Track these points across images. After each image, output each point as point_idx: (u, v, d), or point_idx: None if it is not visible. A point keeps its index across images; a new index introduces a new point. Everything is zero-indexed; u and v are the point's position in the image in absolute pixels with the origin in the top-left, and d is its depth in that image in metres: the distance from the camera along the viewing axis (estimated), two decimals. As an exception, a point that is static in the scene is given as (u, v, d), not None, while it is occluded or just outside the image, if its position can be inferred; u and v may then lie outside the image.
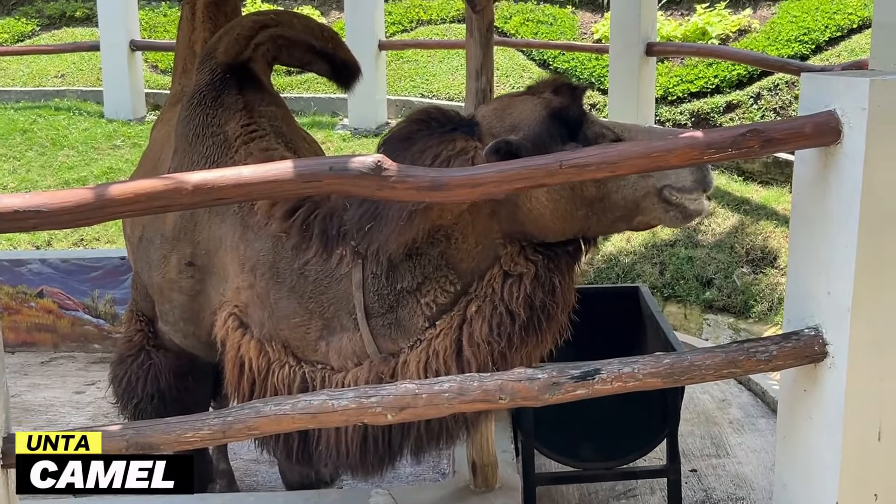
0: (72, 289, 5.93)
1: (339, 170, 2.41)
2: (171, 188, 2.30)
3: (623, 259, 6.17)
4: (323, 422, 2.51)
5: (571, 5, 9.76)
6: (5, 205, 2.22)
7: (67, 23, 11.15)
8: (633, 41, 7.07)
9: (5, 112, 9.32)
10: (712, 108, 7.72)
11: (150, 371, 3.60)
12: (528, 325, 2.73)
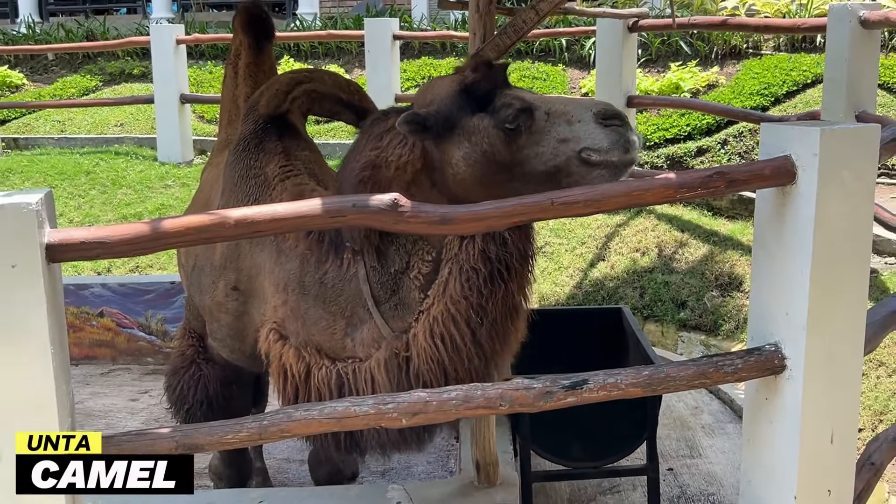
0: (128, 309, 5.95)
1: (361, 206, 2.43)
2: (216, 222, 2.32)
3: (608, 283, 6.17)
4: (346, 425, 2.51)
5: (562, 63, 9.80)
6: (74, 237, 2.25)
7: (126, 79, 11.22)
8: (615, 94, 7.09)
9: (72, 156, 9.38)
10: (685, 153, 7.73)
11: (200, 381, 3.62)
12: (490, 277, 2.67)
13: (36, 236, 2.19)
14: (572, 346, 4.51)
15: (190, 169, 8.86)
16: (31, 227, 2.18)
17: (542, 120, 2.51)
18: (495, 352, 2.75)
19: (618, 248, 6.46)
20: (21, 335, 2.23)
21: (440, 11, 12.18)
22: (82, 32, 12.27)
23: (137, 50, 11.20)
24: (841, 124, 2.48)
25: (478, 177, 2.61)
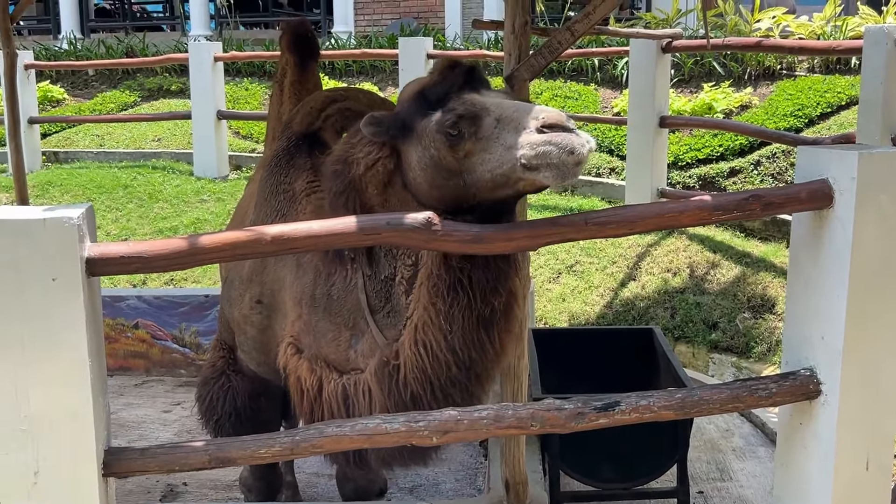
0: (162, 322, 5.99)
1: (395, 224, 2.44)
2: (252, 239, 2.34)
3: (638, 303, 6.12)
4: (377, 442, 2.51)
5: (594, 83, 9.80)
6: (113, 251, 2.27)
7: (164, 95, 11.38)
8: (648, 115, 7.07)
9: (110, 170, 9.51)
10: (717, 173, 7.68)
11: (228, 392, 3.63)
12: (452, 285, 2.59)
13: (77, 250, 2.22)
14: (602, 366, 4.49)
15: (225, 184, 8.95)
16: (72, 242, 2.21)
17: (491, 127, 2.42)
18: (473, 360, 2.63)
19: (649, 268, 6.42)
20: (60, 347, 2.26)
21: (473, 31, 12.23)
22: (122, 49, 12.46)
23: (175, 66, 11.36)
24: (879, 148, 2.45)
25: (430, 180, 2.56)
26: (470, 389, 2.68)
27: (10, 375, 2.27)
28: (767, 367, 5.36)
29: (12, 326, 2.25)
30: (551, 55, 2.94)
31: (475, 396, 2.70)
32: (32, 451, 2.30)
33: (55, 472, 2.32)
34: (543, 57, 2.93)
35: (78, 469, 2.32)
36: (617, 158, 8.37)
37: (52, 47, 13.12)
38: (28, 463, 2.30)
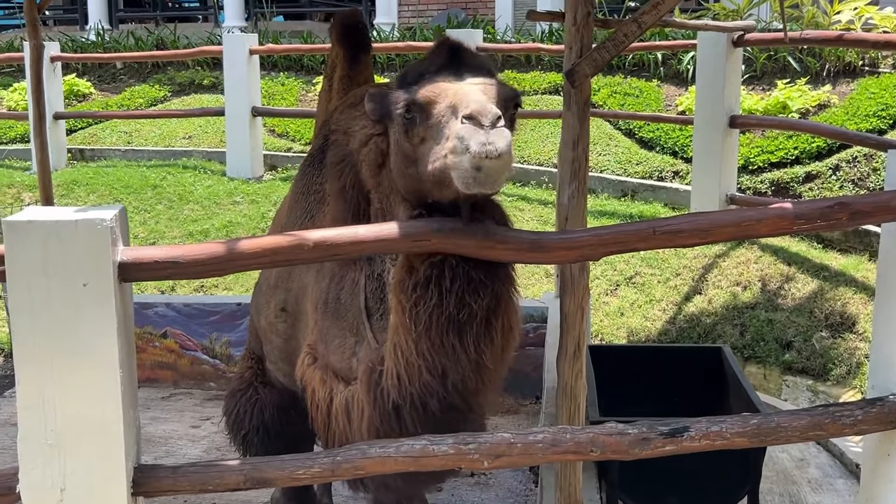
0: (192, 331, 6.05)
1: (445, 231, 2.44)
2: (293, 244, 2.36)
3: (704, 319, 6.05)
4: (423, 465, 2.51)
5: (657, 79, 9.72)
6: (147, 256, 2.30)
7: (195, 90, 11.52)
8: (717, 114, 6.99)
9: (139, 169, 9.65)
10: (792, 178, 7.57)
11: (256, 405, 3.65)
12: (415, 285, 2.56)
13: (109, 254, 2.26)
14: (665, 387, 4.44)
15: (259, 185, 9.03)
16: (104, 245, 2.25)
17: (442, 115, 2.41)
18: (445, 368, 2.59)
19: (716, 281, 6.34)
20: (89, 356, 2.29)
21: (526, 23, 12.22)
22: (152, 41, 12.66)
23: (208, 60, 11.50)
24: (980, 152, 2.39)
25: (397, 167, 2.58)
26: (451, 402, 2.63)
27: (37, 386, 2.31)
28: (847, 391, 5.25)
29: (40, 334, 2.29)
30: (616, 49, 2.92)
31: (459, 411, 2.65)
32: (59, 467, 2.33)
33: (82, 490, 2.35)
34: (607, 51, 2.91)
35: (106, 487, 2.35)
36: (681, 161, 8.29)
37: (78, 39, 13.37)
38: (54, 479, 2.34)
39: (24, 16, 6.10)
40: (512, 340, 2.69)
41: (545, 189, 8.46)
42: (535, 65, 10.59)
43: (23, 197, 9.11)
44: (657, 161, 8.43)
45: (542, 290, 6.52)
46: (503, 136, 2.27)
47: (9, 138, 11.04)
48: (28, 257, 2.25)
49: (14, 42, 13.46)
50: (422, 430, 2.63)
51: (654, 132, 8.74)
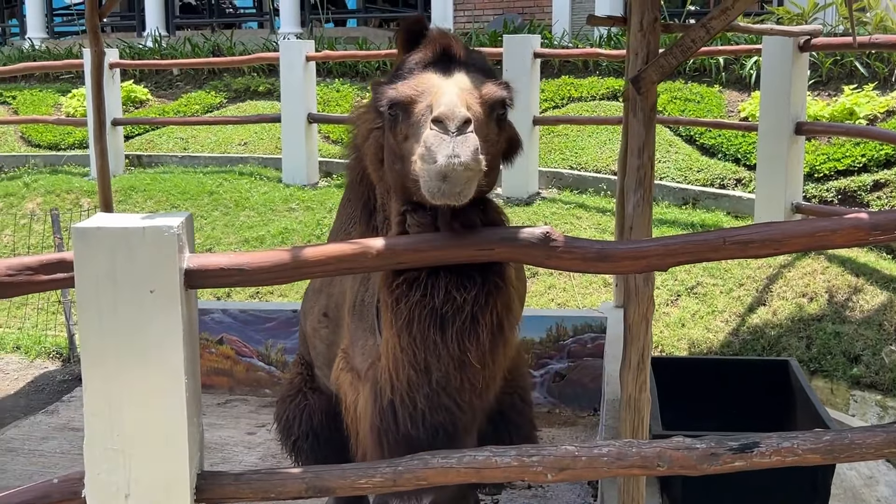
0: (248, 337, 6.12)
1: (510, 239, 2.45)
2: (357, 252, 2.38)
3: (769, 331, 5.96)
4: (485, 476, 2.51)
5: (719, 84, 9.62)
6: (213, 263, 2.34)
7: (251, 96, 11.68)
8: (782, 120, 6.90)
9: (195, 175, 9.80)
10: (859, 187, 7.43)
11: (305, 411, 3.66)
12: (401, 273, 2.55)
13: (176, 261, 2.29)
14: (729, 401, 4.39)
15: (315, 192, 9.11)
16: (171, 252, 2.29)
17: (421, 114, 2.38)
18: (429, 363, 2.56)
19: (781, 292, 6.24)
20: (155, 363, 2.33)
21: (583, 27, 12.18)
22: (208, 47, 12.86)
23: (263, 66, 11.65)
24: None
25: (388, 162, 2.55)
26: (440, 401, 2.60)
27: (104, 391, 2.36)
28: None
29: (107, 340, 2.33)
30: (683, 55, 2.90)
31: (449, 410, 2.61)
32: (125, 473, 2.37)
33: (147, 496, 2.39)
34: (674, 57, 2.89)
35: (171, 493, 2.39)
36: (744, 168, 8.19)
37: (136, 45, 13.63)
38: (119, 485, 2.38)
39: (86, 23, 6.24)
40: (502, 339, 2.62)
41: (603, 196, 8.42)
42: (593, 70, 10.55)
43: (81, 202, 9.32)
44: (719, 168, 8.34)
45: (601, 300, 6.48)
46: (468, 145, 2.21)
47: (67, 144, 11.30)
48: (96, 264, 2.29)
49: (73, 49, 13.78)
50: (415, 429, 2.62)
51: (715, 139, 8.65)
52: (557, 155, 9.38)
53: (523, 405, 3.24)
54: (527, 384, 3.34)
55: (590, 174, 8.87)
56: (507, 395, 3.20)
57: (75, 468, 2.51)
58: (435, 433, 2.63)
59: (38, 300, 7.63)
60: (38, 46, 14.93)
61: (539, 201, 8.52)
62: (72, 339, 6.72)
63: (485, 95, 2.43)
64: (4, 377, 6.52)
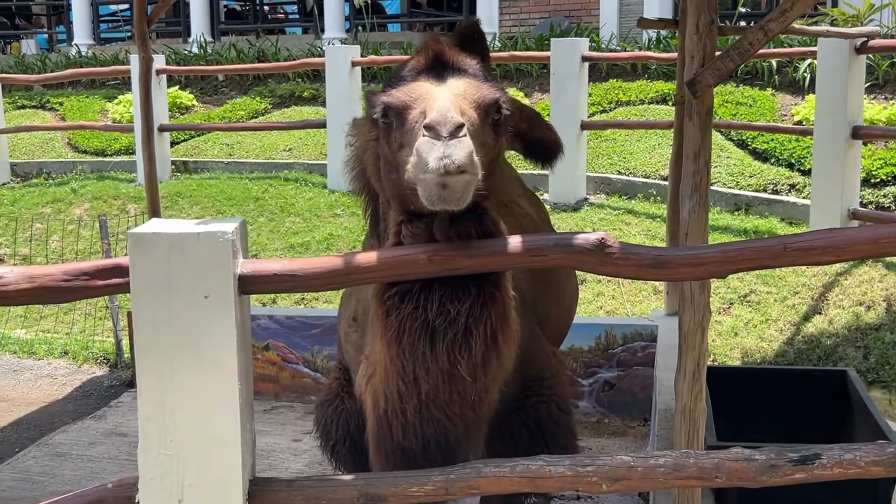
0: (293, 343, 6.15)
1: (564, 245, 2.45)
2: (410, 259, 2.39)
3: (824, 341, 5.88)
4: (539, 486, 2.51)
5: (772, 87, 9.52)
6: (267, 268, 2.37)
7: (296, 102, 11.77)
8: (839, 124, 6.81)
9: (241, 181, 9.90)
10: (918, 192, 7.32)
11: (342, 415, 3.67)
12: (394, 284, 2.54)
13: (230, 266, 2.33)
14: (784, 412, 4.33)
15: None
16: (225, 258, 2.32)
17: (415, 121, 2.36)
18: (418, 376, 2.55)
19: (837, 300, 6.16)
20: (209, 369, 2.37)
21: (632, 30, 12.13)
22: (253, 53, 13.00)
23: (308, 72, 11.74)
24: None
25: (385, 171, 2.54)
26: (430, 414, 2.58)
27: (158, 396, 2.39)
28: (982, 420, 5.04)
29: (162, 345, 2.37)
30: (741, 58, 2.88)
31: (438, 423, 2.60)
32: (178, 478, 2.41)
33: (200, 501, 2.42)
34: (731, 59, 2.88)
35: (223, 499, 2.42)
36: (798, 173, 8.09)
37: (181, 51, 13.82)
38: (173, 490, 2.41)
39: (134, 30, 6.35)
40: (495, 351, 2.59)
41: (653, 202, 8.36)
42: (642, 73, 10.49)
43: (128, 208, 9.46)
44: (772, 173, 8.25)
45: (651, 308, 6.44)
46: (462, 147, 2.20)
47: (114, 150, 11.47)
48: (152, 269, 2.33)
49: (119, 55, 14.00)
50: (406, 440, 2.61)
51: (768, 143, 8.55)
52: (605, 160, 9.34)
53: (560, 413, 3.22)
54: (564, 392, 3.32)
55: (639, 179, 8.82)
56: (542, 404, 3.20)
57: (123, 473, 2.55)
58: (426, 444, 2.62)
59: (85, 305, 7.75)
60: (85, 53, 15.19)
61: (587, 207, 8.49)
62: (119, 344, 6.82)
63: (478, 100, 2.44)
64: (53, 382, 6.63)
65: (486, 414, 2.73)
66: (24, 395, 6.40)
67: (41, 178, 10.98)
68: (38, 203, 9.93)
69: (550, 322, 3.52)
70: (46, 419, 5.94)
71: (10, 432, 5.76)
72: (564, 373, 3.43)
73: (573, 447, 3.24)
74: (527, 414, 3.17)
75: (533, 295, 3.31)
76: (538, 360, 3.25)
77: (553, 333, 3.59)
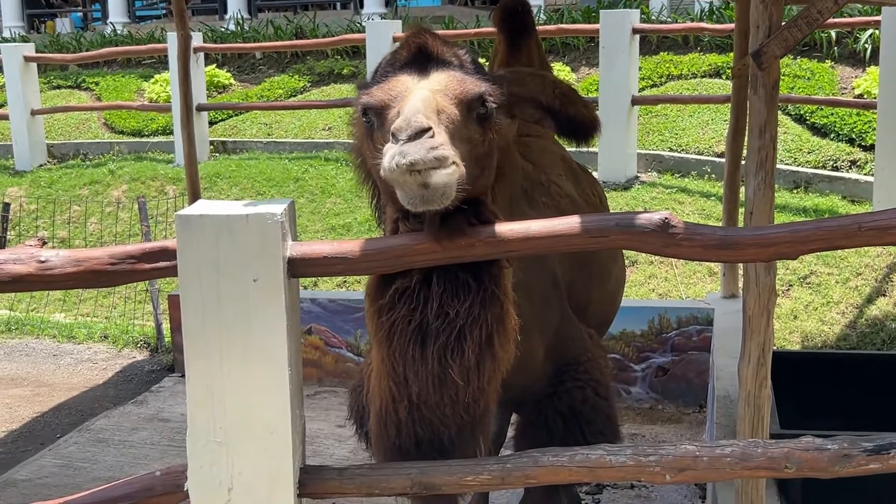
0: (336, 327, 6.17)
1: (626, 226, 2.40)
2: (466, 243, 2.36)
3: (889, 324, 5.78)
4: (599, 476, 2.48)
5: (831, 59, 9.35)
6: (317, 251, 2.36)
7: (335, 79, 11.77)
8: (904, 97, 6.67)
9: (280, 161, 9.93)
10: None
11: None
12: (386, 284, 2.53)
13: (279, 249, 2.31)
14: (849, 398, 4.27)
15: (401, 177, 9.15)
16: (275, 240, 2.31)
17: (392, 120, 2.30)
18: (409, 378, 2.51)
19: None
20: (259, 354, 2.36)
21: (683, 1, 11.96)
22: (291, 29, 13.01)
23: (347, 49, 11.73)
24: None
25: (374, 168, 2.49)
26: (422, 415, 2.55)
27: (207, 382, 2.39)
28: None
29: (210, 329, 2.36)
30: (809, 27, 2.80)
31: (430, 424, 2.56)
32: (227, 466, 2.41)
33: (250, 490, 2.42)
34: (799, 29, 2.80)
35: (273, 487, 2.41)
36: (859, 149, 7.95)
37: (218, 28, 13.87)
38: (222, 478, 2.42)
39: (173, 6, 6.37)
40: (490, 354, 2.53)
41: (706, 180, 8.26)
42: (694, 46, 10.35)
43: (167, 189, 9.53)
44: (831, 149, 8.10)
45: (706, 290, 6.37)
46: (420, 146, 2.13)
47: (151, 130, 11.56)
48: (200, 252, 2.33)
49: (155, 33, 14.09)
50: (398, 438, 2.58)
51: (828, 118, 8.41)
52: (656, 136, 9.24)
53: (597, 399, 3.18)
54: (602, 377, 3.26)
55: (692, 156, 8.71)
56: (577, 389, 3.16)
57: (165, 460, 2.56)
58: (419, 443, 2.58)
59: (125, 289, 7.83)
60: (120, 31, 15.32)
61: (638, 185, 8.40)
62: (159, 328, 6.88)
63: (460, 95, 2.36)
64: (93, 367, 6.71)
65: (482, 414, 2.67)
66: (64, 379, 6.49)
67: (78, 160, 11.09)
68: (76, 185, 10.05)
69: (592, 306, 3.48)
70: (87, 404, 6.02)
71: (52, 417, 5.85)
72: (603, 356, 3.38)
73: (612, 434, 3.19)
74: (560, 400, 3.14)
75: (570, 279, 3.27)
76: (573, 344, 3.21)
77: (597, 317, 3.55)
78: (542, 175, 3.35)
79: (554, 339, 3.15)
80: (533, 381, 3.12)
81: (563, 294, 3.22)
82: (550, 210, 3.15)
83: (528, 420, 3.21)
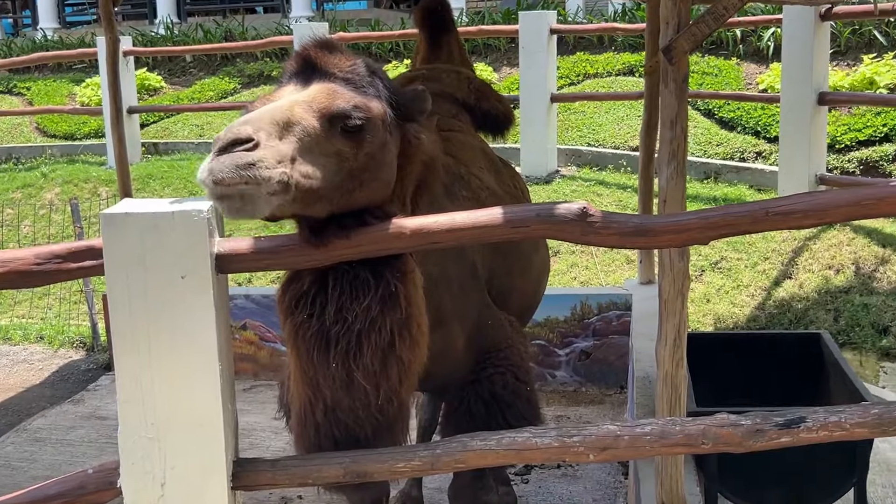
0: (271, 322, 6.07)
1: (546, 216, 2.38)
2: (393, 234, 2.33)
3: (795, 305, 5.89)
4: (526, 458, 2.45)
5: (736, 57, 9.50)
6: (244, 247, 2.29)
7: (265, 81, 11.61)
8: (805, 91, 6.80)
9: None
10: (881, 157, 7.33)
11: None
12: (293, 285, 2.48)
13: (206, 246, 2.25)
14: (758, 376, 4.31)
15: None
16: (201, 237, 2.24)
17: None
18: (319, 382, 2.46)
19: (807, 265, 6.16)
20: (188, 349, 2.29)
21: (597, 3, 12.05)
22: (220, 33, 12.79)
23: (276, 51, 11.57)
24: None
25: None
26: (337, 417, 2.49)
27: (136, 379, 2.32)
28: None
29: (138, 326, 2.29)
30: (716, 23, 2.81)
31: (345, 426, 2.50)
32: (159, 461, 2.33)
33: (182, 484, 2.35)
34: (707, 25, 2.81)
35: (206, 481, 2.35)
36: (764, 141, 8.09)
37: (148, 33, 13.58)
38: (155, 473, 2.34)
39: (100, 11, 6.20)
40: (393, 357, 2.47)
41: (622, 173, 8.33)
42: (608, 46, 10.44)
43: (99, 191, 9.30)
44: (739, 142, 8.24)
45: (624, 277, 6.42)
46: (229, 162, 2.06)
47: (83, 134, 11.27)
48: (126, 250, 2.25)
49: (85, 38, 13.75)
50: (317, 438, 2.53)
51: (734, 112, 8.54)
52: (575, 132, 9.29)
53: (517, 384, 3.14)
54: (523, 363, 3.22)
55: (608, 150, 8.78)
56: (498, 375, 3.12)
57: (103, 457, 2.47)
58: (337, 444, 2.52)
59: (60, 290, 7.61)
60: (51, 37, 14.92)
61: (559, 179, 8.44)
62: (95, 327, 6.70)
63: (323, 109, 2.27)
64: (29, 367, 6.51)
65: (396, 414, 2.60)
66: (0, 381, 6.28)
67: (10, 164, 10.76)
68: (9, 188, 9.74)
69: (515, 294, 3.44)
70: (24, 404, 5.83)
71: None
72: (523, 342, 3.33)
73: (534, 417, 3.15)
74: (482, 386, 3.10)
75: (490, 268, 3.23)
76: (493, 332, 3.17)
77: (519, 305, 3.51)
78: (462, 168, 3.31)
79: (474, 329, 3.11)
80: (455, 370, 3.08)
81: (482, 284, 3.18)
82: (471, 203, 3.10)
83: (452, 407, 3.16)
